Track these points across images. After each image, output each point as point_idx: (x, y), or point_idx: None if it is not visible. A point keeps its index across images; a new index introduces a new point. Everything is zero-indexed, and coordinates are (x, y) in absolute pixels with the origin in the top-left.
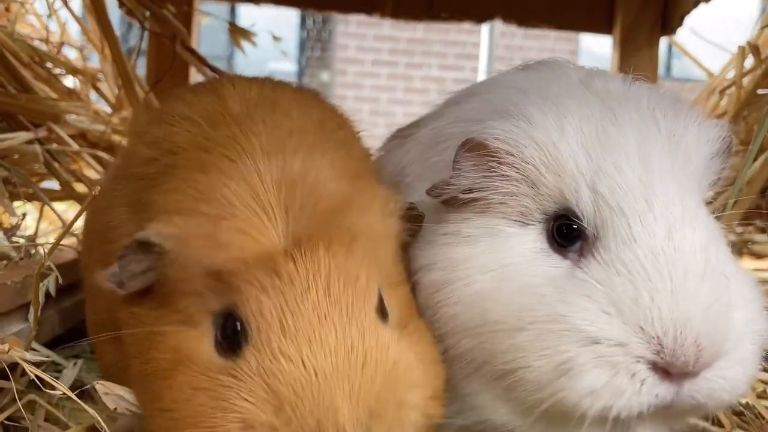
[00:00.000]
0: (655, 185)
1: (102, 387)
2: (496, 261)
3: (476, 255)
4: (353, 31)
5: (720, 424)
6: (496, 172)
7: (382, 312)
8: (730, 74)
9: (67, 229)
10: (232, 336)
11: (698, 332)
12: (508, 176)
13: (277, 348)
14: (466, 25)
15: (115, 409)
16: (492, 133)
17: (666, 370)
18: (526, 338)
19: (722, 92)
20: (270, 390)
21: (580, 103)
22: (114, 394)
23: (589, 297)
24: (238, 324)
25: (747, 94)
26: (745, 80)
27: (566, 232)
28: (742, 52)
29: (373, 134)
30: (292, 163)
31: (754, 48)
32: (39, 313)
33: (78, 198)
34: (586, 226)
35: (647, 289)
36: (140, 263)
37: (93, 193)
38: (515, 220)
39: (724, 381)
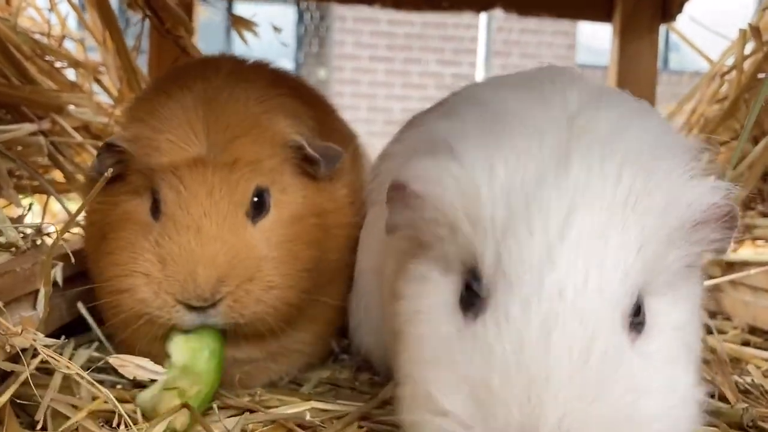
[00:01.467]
0: (559, 259)
1: (117, 360)
2: (418, 314)
3: (409, 297)
4: (350, 28)
5: (726, 400)
6: (421, 214)
7: (258, 209)
8: (730, 62)
9: (75, 216)
10: (157, 208)
11: None
12: (433, 220)
13: (169, 230)
14: (464, 20)
15: (134, 378)
16: (413, 173)
17: None
18: (416, 379)
19: (723, 76)
20: (162, 253)
21: (531, 143)
22: (131, 364)
23: (455, 366)
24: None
25: (748, 78)
26: (746, 65)
27: (472, 290)
28: (743, 36)
29: (371, 131)
30: (218, 97)
31: (755, 30)
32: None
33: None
34: (482, 290)
35: (502, 376)
36: (111, 158)
37: (102, 180)
38: (439, 266)
39: None
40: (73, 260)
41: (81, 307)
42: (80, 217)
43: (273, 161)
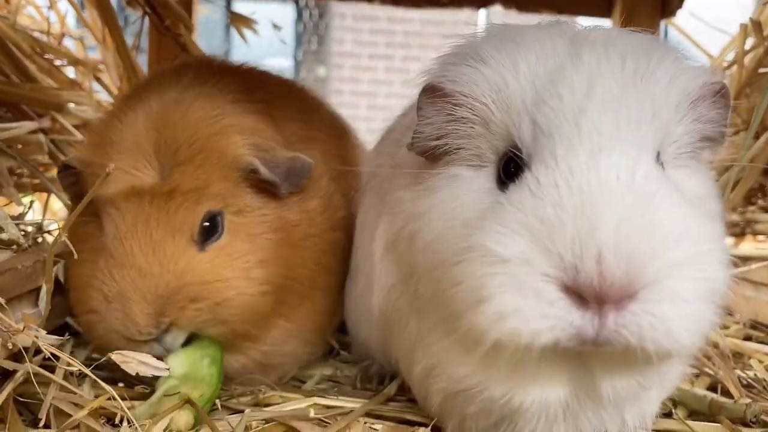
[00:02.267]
0: (590, 110)
1: (119, 356)
2: (450, 206)
3: (437, 204)
4: (349, 25)
5: (729, 395)
6: (453, 115)
7: (210, 234)
8: (730, 57)
9: (75, 214)
10: None
11: (603, 245)
12: (464, 118)
13: (110, 266)
14: (463, 17)
15: (137, 374)
16: (447, 75)
17: (581, 296)
18: (457, 271)
19: (723, 71)
20: (104, 291)
21: (544, 45)
22: (133, 360)
23: (503, 220)
24: None
25: (749, 73)
26: (747, 60)
27: (512, 170)
28: (743, 30)
29: (371, 128)
30: (171, 118)
31: (756, 25)
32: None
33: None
34: (523, 157)
35: (553, 205)
36: (67, 178)
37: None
38: (472, 165)
39: (653, 318)
40: (76, 256)
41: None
42: None
43: (224, 185)
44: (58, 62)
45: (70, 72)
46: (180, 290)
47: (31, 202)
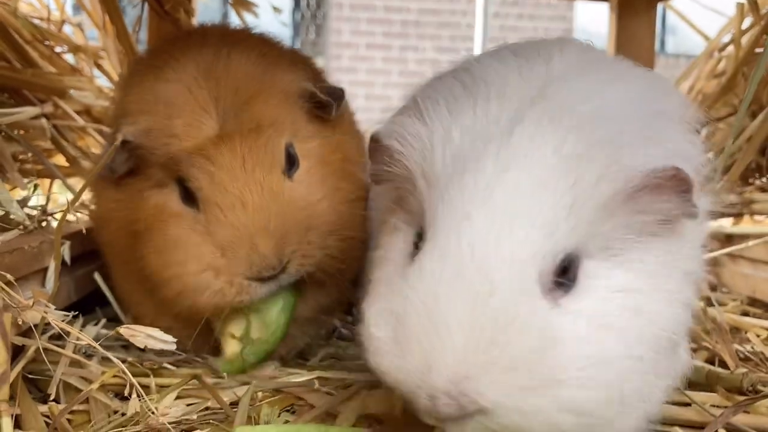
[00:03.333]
0: (477, 219)
1: (127, 330)
2: (388, 254)
3: (384, 246)
4: (347, 15)
5: (726, 367)
6: (392, 168)
7: (290, 164)
8: (728, 39)
9: (81, 191)
10: (189, 194)
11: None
12: (400, 174)
13: (216, 215)
14: (460, 6)
15: (145, 347)
16: (388, 128)
17: None
18: None
19: (721, 50)
20: (217, 241)
21: (490, 110)
22: (141, 334)
23: (391, 301)
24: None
25: (745, 52)
26: (744, 40)
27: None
28: (740, 10)
29: (370, 119)
30: (217, 65)
31: (752, 4)
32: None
33: (84, 175)
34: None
35: (413, 316)
36: (122, 154)
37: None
38: (408, 219)
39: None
40: (84, 231)
41: (97, 278)
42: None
43: (290, 115)
44: (58, 49)
45: (71, 59)
46: (293, 219)
47: (35, 187)
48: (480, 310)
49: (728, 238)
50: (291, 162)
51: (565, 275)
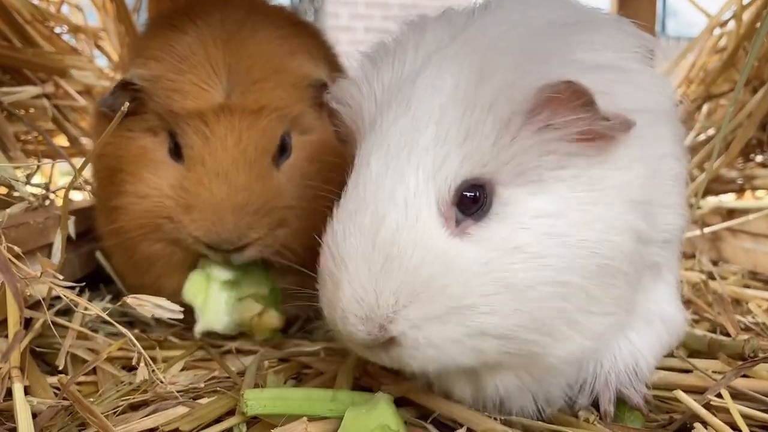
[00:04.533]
0: (373, 161)
1: (134, 300)
2: None
3: None
4: None
5: (727, 334)
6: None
7: (282, 152)
8: (729, 15)
9: (84, 165)
10: (177, 149)
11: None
12: (347, 134)
13: (198, 175)
14: None
15: (152, 315)
16: (332, 90)
17: None
18: None
19: (723, 25)
20: (189, 199)
21: (404, 56)
22: (149, 303)
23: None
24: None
25: (746, 28)
26: (745, 16)
27: None
28: None
29: None
30: (239, 34)
31: None
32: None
33: (86, 154)
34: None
35: (332, 260)
36: (126, 96)
37: (115, 121)
38: None
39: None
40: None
41: (99, 257)
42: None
43: (297, 104)
44: (58, 29)
45: (71, 41)
46: (271, 211)
47: (38, 167)
48: (371, 243)
49: (729, 213)
50: (283, 150)
51: (474, 204)
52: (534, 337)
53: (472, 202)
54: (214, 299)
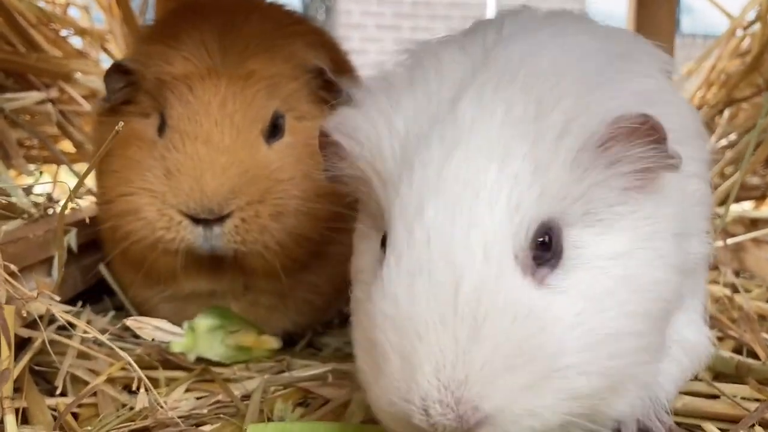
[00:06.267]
0: (428, 208)
1: (134, 322)
2: (361, 265)
3: (357, 254)
4: None
5: (756, 357)
6: (347, 169)
7: (273, 132)
8: (752, 17)
9: (85, 174)
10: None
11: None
12: (354, 175)
13: (175, 141)
14: None
15: (153, 339)
16: (332, 120)
17: None
18: None
19: (746, 28)
20: (166, 165)
21: (431, 88)
22: (149, 326)
23: (362, 325)
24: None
25: None
26: None
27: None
28: None
29: None
30: (235, 18)
31: None
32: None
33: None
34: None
35: (381, 333)
36: (119, 81)
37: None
38: (374, 223)
39: None
40: (88, 220)
41: (102, 270)
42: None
43: (291, 85)
44: (64, 32)
45: (77, 43)
46: (254, 180)
47: (40, 174)
48: (451, 303)
49: (753, 223)
50: (275, 131)
51: (547, 250)
52: (606, 394)
53: (544, 247)
54: (204, 338)
